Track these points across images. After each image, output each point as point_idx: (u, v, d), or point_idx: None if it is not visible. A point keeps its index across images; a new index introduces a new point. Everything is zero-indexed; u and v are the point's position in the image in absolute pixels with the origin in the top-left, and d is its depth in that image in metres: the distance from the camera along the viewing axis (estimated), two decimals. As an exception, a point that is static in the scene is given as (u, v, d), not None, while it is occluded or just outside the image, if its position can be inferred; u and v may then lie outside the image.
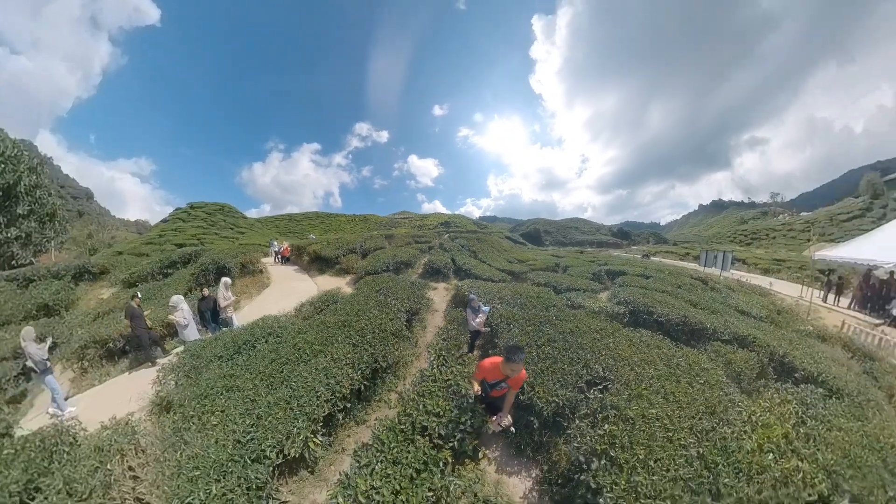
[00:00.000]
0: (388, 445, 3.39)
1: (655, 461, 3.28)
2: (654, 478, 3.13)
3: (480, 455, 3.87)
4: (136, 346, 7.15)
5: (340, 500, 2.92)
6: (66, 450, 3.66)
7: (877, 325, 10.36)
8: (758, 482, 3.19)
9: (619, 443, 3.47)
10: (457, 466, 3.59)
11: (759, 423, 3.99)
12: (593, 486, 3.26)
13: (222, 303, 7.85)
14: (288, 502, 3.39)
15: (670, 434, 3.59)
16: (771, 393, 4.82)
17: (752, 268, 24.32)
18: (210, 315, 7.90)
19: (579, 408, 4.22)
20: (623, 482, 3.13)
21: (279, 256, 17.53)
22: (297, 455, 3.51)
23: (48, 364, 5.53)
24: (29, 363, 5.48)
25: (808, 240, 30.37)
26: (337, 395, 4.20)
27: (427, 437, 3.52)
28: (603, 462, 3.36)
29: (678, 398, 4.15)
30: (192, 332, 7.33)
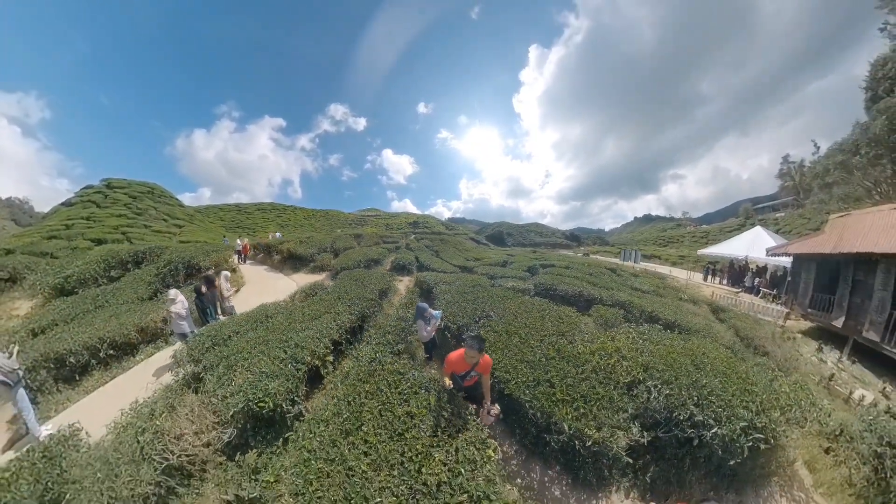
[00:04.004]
0: (373, 336, 6.15)
1: (508, 350, 4.66)
2: (506, 359, 4.47)
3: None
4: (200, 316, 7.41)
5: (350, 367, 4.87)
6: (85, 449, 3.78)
7: (736, 293, 15.30)
8: (582, 369, 4.23)
9: (488, 341, 4.71)
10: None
11: (599, 342, 5.11)
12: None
13: (226, 293, 8.33)
14: (309, 410, 4.54)
15: (523, 341, 5.01)
16: (619, 328, 6.09)
17: (665, 261, 28.79)
18: (211, 310, 7.70)
19: (472, 328, 6.01)
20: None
21: (241, 255, 16.33)
22: (320, 364, 5.15)
23: (20, 374, 4.60)
24: None
25: (707, 242, 36.95)
26: (342, 328, 6.21)
27: (389, 335, 6.04)
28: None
29: (537, 326, 5.60)
30: (191, 324, 6.96)
